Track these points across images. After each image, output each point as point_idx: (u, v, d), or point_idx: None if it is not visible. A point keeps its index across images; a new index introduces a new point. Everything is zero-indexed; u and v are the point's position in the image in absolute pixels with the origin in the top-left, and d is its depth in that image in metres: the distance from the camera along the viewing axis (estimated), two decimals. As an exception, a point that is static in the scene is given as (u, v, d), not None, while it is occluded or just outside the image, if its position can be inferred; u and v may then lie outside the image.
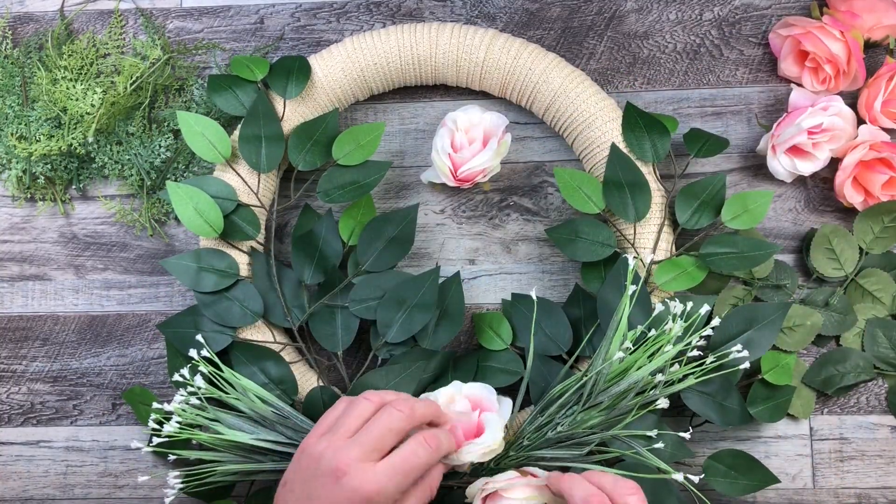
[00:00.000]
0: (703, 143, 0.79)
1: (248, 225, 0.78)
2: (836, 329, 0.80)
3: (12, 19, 0.89)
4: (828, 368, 0.80)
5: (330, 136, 0.79)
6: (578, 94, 0.78)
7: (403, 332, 0.76)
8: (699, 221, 0.78)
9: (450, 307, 0.78)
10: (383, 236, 0.78)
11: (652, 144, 0.78)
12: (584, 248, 0.77)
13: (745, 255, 0.76)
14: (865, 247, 0.81)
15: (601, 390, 0.71)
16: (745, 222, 0.77)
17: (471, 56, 0.79)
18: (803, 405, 0.80)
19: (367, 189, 0.78)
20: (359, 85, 0.81)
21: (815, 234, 0.80)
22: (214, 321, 0.77)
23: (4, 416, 0.86)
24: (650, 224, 0.78)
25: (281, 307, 0.79)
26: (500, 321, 0.80)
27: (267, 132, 0.78)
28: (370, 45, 0.80)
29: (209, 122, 0.78)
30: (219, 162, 0.79)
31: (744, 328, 0.75)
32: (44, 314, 0.86)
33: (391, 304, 0.76)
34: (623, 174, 0.77)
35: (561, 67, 0.79)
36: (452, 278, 0.79)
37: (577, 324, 0.78)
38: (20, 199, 0.87)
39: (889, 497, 0.80)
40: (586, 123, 0.78)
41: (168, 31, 0.88)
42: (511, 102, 0.84)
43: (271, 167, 0.78)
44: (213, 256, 0.78)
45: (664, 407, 0.71)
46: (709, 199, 0.78)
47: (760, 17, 0.85)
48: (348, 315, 0.78)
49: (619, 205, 0.77)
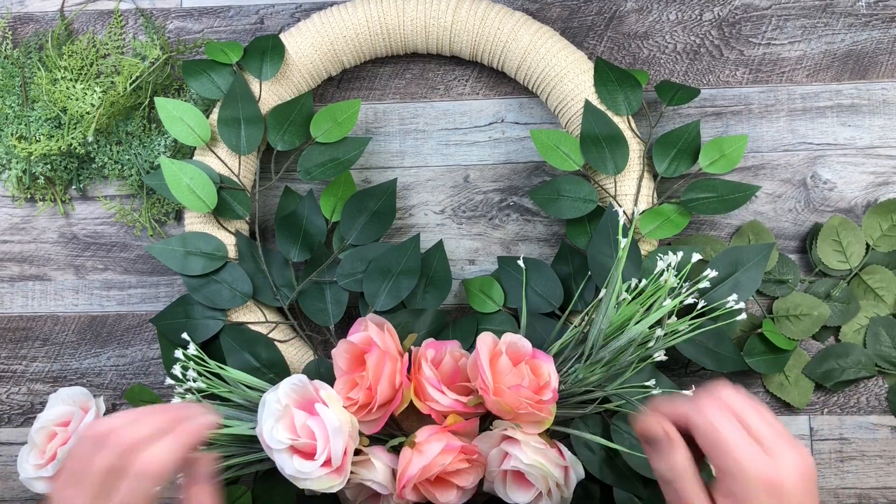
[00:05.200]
0: (674, 93, 0.80)
1: (239, 205, 0.79)
2: (839, 319, 0.80)
3: (12, 19, 0.89)
4: (829, 362, 0.80)
5: (306, 115, 0.80)
6: (548, 49, 0.79)
7: (391, 300, 0.77)
8: (678, 169, 0.79)
9: (436, 274, 0.79)
10: (366, 210, 0.79)
11: (625, 97, 0.79)
12: (568, 206, 0.78)
13: (725, 199, 0.77)
14: (872, 243, 0.81)
15: (602, 346, 0.72)
16: (722, 167, 0.78)
17: (438, 21, 0.79)
18: (800, 395, 0.80)
19: (346, 165, 0.79)
20: (330, 59, 0.81)
21: (824, 225, 0.81)
22: (204, 304, 0.78)
23: (4, 416, 0.86)
24: (630, 176, 0.79)
25: (269, 287, 0.79)
26: (491, 284, 0.81)
27: (245, 114, 0.78)
28: (338, 18, 0.80)
29: (187, 106, 0.79)
30: (199, 145, 0.79)
31: (730, 271, 0.76)
32: (44, 314, 0.86)
33: (376, 273, 0.77)
34: (599, 128, 0.77)
35: (529, 24, 0.79)
36: (436, 246, 0.80)
37: (566, 280, 0.79)
38: (20, 199, 0.87)
39: (889, 497, 0.80)
40: (558, 78, 0.79)
41: (168, 31, 0.87)
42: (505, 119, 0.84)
43: (251, 149, 0.79)
44: (199, 240, 0.79)
45: (662, 359, 0.72)
46: (685, 147, 0.79)
47: (760, 17, 0.85)
48: (337, 289, 0.79)
49: (598, 159, 0.78)
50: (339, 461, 0.67)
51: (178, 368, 0.73)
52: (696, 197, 0.78)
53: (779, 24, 0.85)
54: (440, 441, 0.68)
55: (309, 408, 0.68)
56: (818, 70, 0.84)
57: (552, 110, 0.82)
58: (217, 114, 0.79)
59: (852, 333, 0.81)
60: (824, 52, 0.84)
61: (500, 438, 0.71)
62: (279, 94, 0.81)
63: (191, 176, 0.77)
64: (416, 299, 0.78)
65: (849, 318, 0.80)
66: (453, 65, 0.86)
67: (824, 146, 0.84)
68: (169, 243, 0.78)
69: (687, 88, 0.80)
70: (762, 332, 0.78)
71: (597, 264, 0.75)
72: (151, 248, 0.78)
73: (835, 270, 0.81)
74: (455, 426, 0.69)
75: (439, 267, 0.79)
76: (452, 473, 0.70)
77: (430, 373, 0.70)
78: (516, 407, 0.68)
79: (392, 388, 0.70)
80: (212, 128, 0.79)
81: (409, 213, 0.85)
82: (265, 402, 0.68)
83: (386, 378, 0.68)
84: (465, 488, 0.70)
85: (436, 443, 0.68)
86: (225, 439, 0.72)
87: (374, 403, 0.69)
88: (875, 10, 0.85)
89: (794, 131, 0.84)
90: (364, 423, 0.70)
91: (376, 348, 0.69)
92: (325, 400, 0.68)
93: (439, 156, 0.85)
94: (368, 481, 0.70)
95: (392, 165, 0.85)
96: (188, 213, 0.80)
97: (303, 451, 0.68)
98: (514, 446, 0.69)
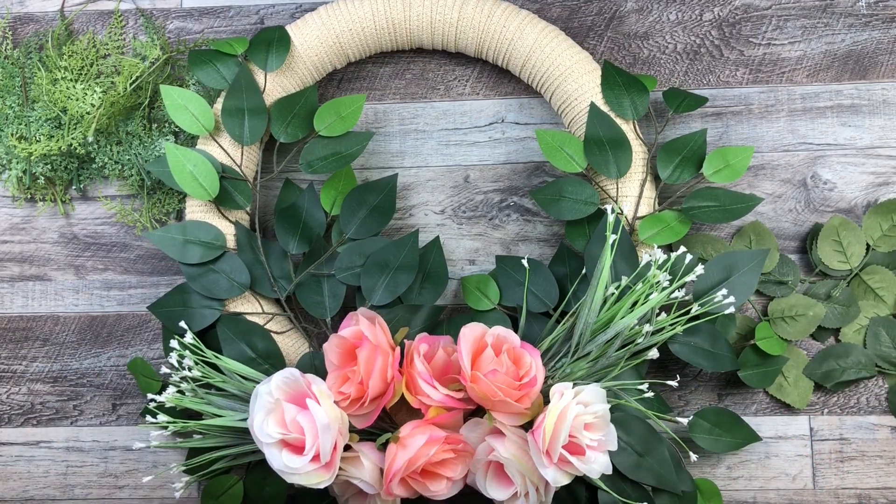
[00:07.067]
0: (681, 100, 0.80)
1: (240, 195, 0.79)
2: (838, 321, 0.80)
3: (12, 19, 0.89)
4: (829, 362, 0.80)
5: (310, 108, 0.80)
6: (553, 48, 0.79)
7: (388, 295, 0.77)
8: (681, 176, 0.79)
9: (432, 269, 0.79)
10: (365, 205, 0.79)
11: (631, 102, 0.79)
12: (569, 207, 0.78)
13: (727, 208, 0.77)
14: (873, 243, 0.81)
15: (588, 340, 0.72)
16: (726, 177, 0.78)
17: (444, 17, 0.80)
18: (800, 395, 0.80)
19: (349, 160, 0.79)
20: (335, 52, 0.81)
21: (824, 225, 0.81)
22: (202, 294, 0.78)
23: (4, 416, 0.86)
24: (632, 180, 0.79)
25: (267, 279, 0.80)
26: (487, 282, 0.81)
27: (250, 104, 0.79)
28: (345, 12, 0.80)
29: (192, 95, 0.79)
30: (202, 134, 0.79)
31: (725, 276, 0.76)
32: (44, 314, 0.86)
33: (374, 268, 0.78)
34: (603, 132, 0.78)
35: (535, 23, 0.80)
36: (433, 242, 0.80)
37: (562, 281, 0.79)
38: (20, 199, 0.87)
39: (889, 497, 0.80)
40: (563, 77, 0.79)
41: (168, 31, 0.87)
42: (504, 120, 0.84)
43: (254, 139, 0.79)
44: (199, 229, 0.79)
45: (654, 357, 0.72)
46: (690, 155, 0.79)
47: (760, 18, 0.85)
48: (335, 282, 0.79)
49: (601, 162, 0.78)
50: (328, 457, 0.67)
51: (175, 357, 0.73)
52: (697, 205, 0.78)
53: (779, 24, 0.85)
54: (424, 433, 0.69)
55: (300, 402, 0.68)
56: (818, 70, 0.84)
57: (555, 109, 0.82)
58: (221, 103, 0.79)
59: (852, 333, 0.81)
60: (824, 52, 0.84)
61: (489, 431, 0.71)
62: (284, 86, 0.81)
63: (194, 163, 0.77)
64: (412, 295, 0.79)
65: (849, 320, 0.80)
66: (453, 65, 0.86)
67: (824, 146, 0.84)
68: (168, 231, 0.78)
69: (694, 96, 0.80)
70: (755, 342, 0.78)
71: (593, 266, 0.76)
72: (151, 234, 0.79)
73: (835, 271, 0.81)
74: (438, 418, 0.70)
75: (436, 263, 0.79)
76: (439, 464, 0.70)
77: (422, 367, 0.70)
78: (491, 395, 0.68)
79: (384, 382, 0.70)
80: (216, 117, 0.80)
81: (410, 214, 0.85)
82: (257, 394, 0.68)
83: (377, 372, 0.69)
84: (454, 479, 0.71)
85: (420, 435, 0.68)
86: (218, 430, 0.73)
87: (366, 398, 0.69)
88: (875, 10, 0.85)
89: (795, 131, 0.84)
90: (356, 418, 0.71)
91: (367, 342, 0.69)
92: (317, 395, 0.68)
93: (439, 156, 0.85)
94: (356, 479, 0.70)
95: (392, 165, 0.85)
96: (189, 201, 0.80)
97: (292, 446, 0.68)
98: (498, 439, 0.69)
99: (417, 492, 0.70)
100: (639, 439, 0.72)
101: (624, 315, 0.71)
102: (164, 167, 0.79)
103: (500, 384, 0.68)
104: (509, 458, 0.68)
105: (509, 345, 0.70)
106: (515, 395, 0.68)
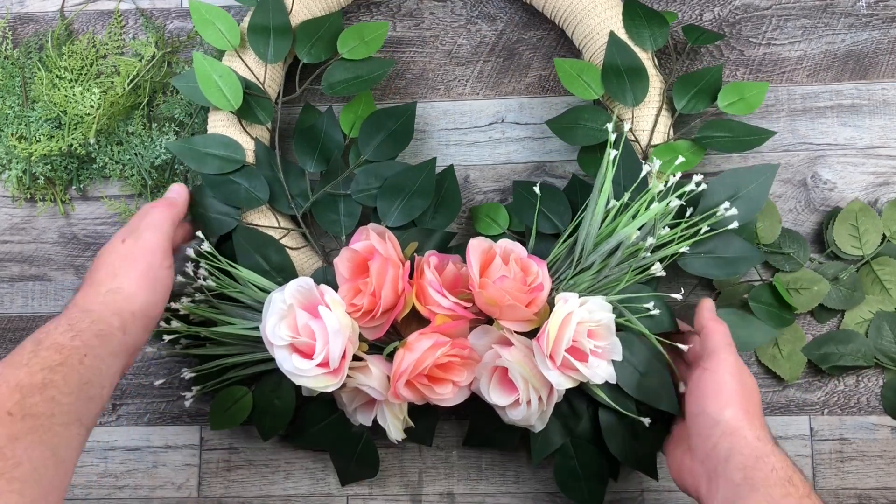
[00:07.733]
0: (700, 34, 0.81)
1: (262, 111, 0.80)
2: (842, 304, 0.80)
3: (12, 19, 0.89)
4: (829, 346, 0.81)
5: (335, 31, 0.81)
6: None
7: (403, 217, 0.78)
8: (696, 106, 0.79)
9: (446, 195, 0.80)
10: (384, 129, 0.80)
11: (651, 33, 0.80)
12: (584, 133, 0.79)
13: (740, 139, 0.78)
14: (889, 234, 0.81)
15: (590, 251, 0.73)
16: (740, 109, 0.78)
17: None
18: (792, 368, 0.81)
19: (369, 84, 0.80)
20: None
21: (844, 208, 0.81)
22: (220, 201, 0.79)
23: (4, 416, 0.86)
24: (648, 109, 0.79)
25: (284, 195, 0.81)
26: (497, 209, 0.82)
27: (275, 23, 0.80)
28: None
29: (220, 11, 0.80)
30: (228, 49, 0.80)
31: (732, 193, 0.76)
32: (44, 314, 0.86)
33: (391, 191, 0.79)
34: (621, 60, 0.78)
35: None
36: (447, 169, 0.81)
37: (574, 209, 0.79)
38: (20, 199, 0.87)
39: (889, 498, 0.80)
40: (586, 12, 0.80)
41: (168, 31, 0.88)
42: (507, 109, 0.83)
43: (278, 58, 0.80)
44: (219, 141, 0.79)
45: (660, 275, 0.73)
46: (706, 87, 0.79)
47: (760, 17, 0.85)
48: (351, 202, 0.80)
49: (618, 90, 0.78)
50: (337, 363, 0.69)
51: (190, 267, 0.76)
52: (711, 135, 0.78)
53: (779, 24, 0.85)
54: (430, 338, 0.70)
55: (312, 310, 0.70)
56: (818, 70, 0.84)
57: (577, 44, 0.83)
58: (248, 21, 0.80)
59: (855, 325, 0.81)
60: (824, 52, 0.84)
61: (496, 339, 0.72)
62: (310, 8, 0.82)
63: (220, 73, 0.78)
64: (426, 219, 0.80)
65: (852, 304, 0.80)
66: (453, 65, 0.86)
67: (824, 146, 0.84)
68: (189, 142, 0.79)
69: (711, 32, 0.81)
70: (773, 281, 0.78)
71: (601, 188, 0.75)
72: (171, 144, 0.80)
73: (847, 255, 0.81)
74: (444, 326, 0.71)
75: (450, 189, 0.81)
76: (446, 368, 0.71)
77: (432, 276, 0.71)
78: (500, 299, 0.69)
79: (395, 293, 0.71)
80: (242, 34, 0.80)
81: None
82: (271, 301, 0.70)
83: (389, 283, 0.70)
84: (460, 384, 0.71)
85: (426, 340, 0.70)
86: (230, 337, 0.75)
87: (378, 309, 0.70)
88: (875, 10, 0.85)
89: (795, 131, 0.84)
90: (367, 329, 0.72)
91: (379, 255, 0.71)
92: (329, 303, 0.70)
93: (439, 156, 0.85)
94: (364, 386, 0.71)
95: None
96: (212, 116, 0.81)
97: (302, 351, 0.70)
98: (505, 347, 0.71)
99: (424, 395, 0.71)
100: (641, 359, 0.73)
101: (626, 225, 0.71)
102: (190, 82, 0.79)
103: (509, 289, 0.69)
104: (514, 361, 0.69)
105: (517, 255, 0.72)
106: (524, 298, 0.70)
